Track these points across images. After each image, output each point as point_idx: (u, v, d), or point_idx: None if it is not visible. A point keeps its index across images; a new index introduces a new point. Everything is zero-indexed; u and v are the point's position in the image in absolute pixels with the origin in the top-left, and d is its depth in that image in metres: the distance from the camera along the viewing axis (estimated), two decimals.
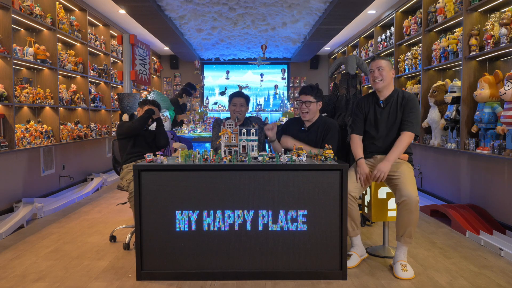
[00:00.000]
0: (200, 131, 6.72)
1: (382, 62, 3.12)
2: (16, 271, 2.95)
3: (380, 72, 3.09)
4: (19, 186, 4.60)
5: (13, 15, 4.43)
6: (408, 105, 3.04)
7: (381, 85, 3.10)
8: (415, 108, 3.05)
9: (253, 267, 2.79)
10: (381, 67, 3.09)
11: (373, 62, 3.16)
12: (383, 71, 3.08)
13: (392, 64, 3.23)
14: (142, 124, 3.61)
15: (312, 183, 2.78)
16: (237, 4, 6.08)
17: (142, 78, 5.51)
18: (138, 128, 3.59)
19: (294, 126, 3.54)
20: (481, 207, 4.06)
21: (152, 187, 2.77)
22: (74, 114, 6.20)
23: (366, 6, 5.69)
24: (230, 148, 2.92)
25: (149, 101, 3.79)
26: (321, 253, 2.79)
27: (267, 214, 2.78)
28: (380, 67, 3.09)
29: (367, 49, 7.78)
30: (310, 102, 3.36)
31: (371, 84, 3.18)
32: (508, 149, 3.49)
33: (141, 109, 3.76)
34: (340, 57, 4.51)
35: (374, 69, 3.12)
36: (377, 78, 3.09)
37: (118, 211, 4.71)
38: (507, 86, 3.47)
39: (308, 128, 3.43)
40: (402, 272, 2.82)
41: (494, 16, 4.06)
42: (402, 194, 2.83)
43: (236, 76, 11.15)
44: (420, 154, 5.35)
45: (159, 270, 2.78)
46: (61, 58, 5.55)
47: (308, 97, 3.37)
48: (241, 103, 3.80)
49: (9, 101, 4.28)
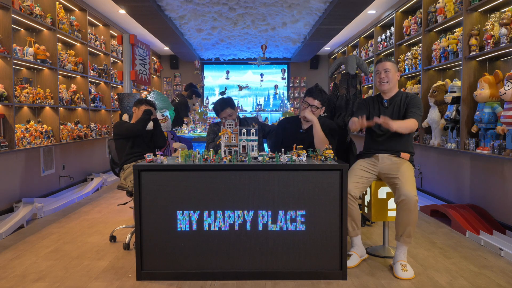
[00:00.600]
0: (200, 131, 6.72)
1: (388, 64, 3.13)
2: (16, 271, 2.95)
3: (387, 74, 3.11)
4: (19, 186, 4.60)
5: (13, 15, 4.43)
6: (412, 102, 3.08)
7: (387, 87, 3.11)
8: (419, 105, 3.08)
9: (253, 267, 2.79)
10: (388, 69, 3.12)
11: (379, 64, 3.16)
12: (389, 73, 3.11)
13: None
14: (144, 126, 3.59)
15: (312, 183, 2.77)
16: (237, 4, 6.08)
17: (142, 78, 5.52)
18: (140, 130, 3.57)
19: (290, 126, 3.50)
20: (481, 207, 4.05)
21: (152, 187, 2.77)
22: (74, 114, 6.20)
23: (366, 6, 5.69)
24: (230, 148, 2.92)
25: (145, 100, 3.75)
26: (321, 253, 2.79)
27: (267, 214, 2.78)
28: (387, 69, 3.12)
29: (367, 49, 7.79)
30: (316, 107, 3.33)
31: (377, 85, 3.19)
32: (508, 149, 3.49)
33: (137, 108, 3.70)
34: (340, 57, 4.51)
35: (380, 71, 3.13)
36: (383, 80, 3.11)
37: (118, 211, 4.71)
38: (507, 86, 3.47)
39: (306, 130, 3.41)
40: (402, 272, 2.82)
41: (494, 16, 4.06)
42: (401, 194, 2.84)
43: (236, 76, 11.15)
44: (420, 154, 5.35)
45: (159, 270, 2.78)
46: (61, 58, 5.55)
47: (316, 102, 3.32)
48: (229, 113, 3.63)
49: (9, 101, 4.28)
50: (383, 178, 3.11)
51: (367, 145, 3.24)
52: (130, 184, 3.45)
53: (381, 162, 3.09)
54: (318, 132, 3.25)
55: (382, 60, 3.18)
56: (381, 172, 3.09)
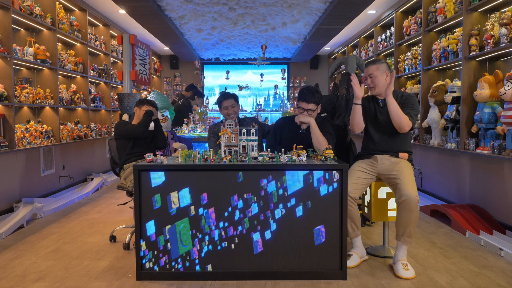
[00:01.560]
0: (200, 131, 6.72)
1: (372, 69, 3.08)
2: (16, 271, 2.95)
3: (372, 79, 3.09)
4: (19, 186, 4.60)
5: (13, 15, 4.43)
6: (407, 102, 3.05)
7: (374, 92, 3.12)
8: (414, 104, 3.05)
9: (253, 267, 2.79)
10: (372, 74, 3.08)
11: (366, 69, 3.14)
12: (375, 79, 3.07)
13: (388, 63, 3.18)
14: (145, 129, 3.58)
15: (312, 183, 2.77)
16: (237, 4, 6.08)
17: (142, 78, 5.52)
18: (142, 134, 3.57)
19: (289, 126, 3.45)
20: (481, 207, 4.05)
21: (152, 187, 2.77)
22: (74, 114, 6.20)
23: (366, 6, 5.69)
24: (230, 148, 2.92)
25: (147, 101, 3.75)
26: (321, 253, 2.79)
27: (267, 214, 2.77)
28: (371, 74, 3.08)
29: (367, 49, 7.79)
30: (312, 110, 3.24)
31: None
32: (508, 149, 3.49)
33: (139, 109, 3.70)
34: (340, 57, 4.51)
35: (367, 77, 3.12)
36: (370, 85, 3.11)
37: (118, 211, 4.71)
38: (507, 86, 3.47)
39: (305, 130, 3.37)
40: (404, 271, 2.82)
41: (494, 16, 4.06)
42: (402, 194, 2.83)
43: (236, 76, 11.15)
44: (420, 154, 5.35)
45: (159, 270, 2.78)
46: (61, 58, 5.55)
47: (310, 106, 3.23)
48: (232, 104, 3.66)
49: (9, 101, 4.28)
50: (383, 178, 3.11)
51: (365, 146, 3.23)
52: (130, 184, 3.45)
53: (380, 163, 3.09)
54: (316, 133, 3.22)
55: (368, 65, 3.13)
56: (380, 173, 3.09)
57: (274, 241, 2.79)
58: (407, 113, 2.99)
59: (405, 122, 2.96)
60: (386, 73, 3.08)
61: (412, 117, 3.00)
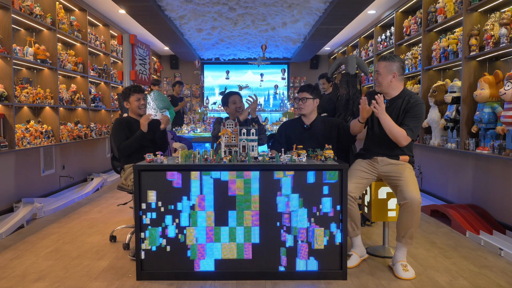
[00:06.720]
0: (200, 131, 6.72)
1: (380, 66, 3.03)
2: (16, 271, 2.95)
3: (377, 76, 3.05)
4: (19, 186, 4.60)
5: (13, 15, 4.43)
6: (412, 110, 2.94)
7: (377, 89, 3.10)
8: (418, 115, 2.94)
9: (253, 267, 2.79)
10: (378, 71, 3.04)
11: (377, 62, 3.10)
12: (379, 77, 3.03)
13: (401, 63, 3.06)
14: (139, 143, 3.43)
15: (312, 183, 2.77)
16: (237, 4, 6.08)
17: (142, 78, 5.52)
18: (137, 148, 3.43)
19: (294, 127, 3.52)
20: (481, 207, 4.05)
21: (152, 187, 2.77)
22: (74, 114, 6.20)
23: (366, 6, 5.69)
24: (230, 148, 2.92)
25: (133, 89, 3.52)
26: (321, 253, 2.79)
27: (267, 214, 2.77)
28: (377, 71, 3.05)
29: (367, 49, 7.79)
30: (306, 98, 3.40)
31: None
32: (508, 149, 3.49)
33: (128, 102, 3.54)
34: (340, 57, 4.51)
35: (375, 72, 3.11)
36: (376, 81, 3.09)
37: (118, 211, 4.71)
38: (507, 86, 3.47)
39: (310, 125, 3.44)
40: (404, 272, 2.82)
41: (494, 16, 4.06)
42: (405, 196, 2.81)
43: (236, 76, 11.15)
44: (420, 154, 5.35)
45: (159, 270, 2.78)
46: (61, 58, 5.55)
47: (304, 94, 3.41)
48: (240, 99, 3.93)
49: (9, 101, 4.28)
50: (384, 179, 3.10)
51: (366, 145, 3.22)
52: (131, 184, 3.45)
53: (380, 164, 3.07)
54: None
55: (380, 59, 3.07)
56: (381, 174, 3.07)
57: (274, 241, 2.78)
58: (407, 125, 2.91)
59: (401, 138, 2.90)
60: (393, 74, 2.99)
61: (412, 131, 2.91)
